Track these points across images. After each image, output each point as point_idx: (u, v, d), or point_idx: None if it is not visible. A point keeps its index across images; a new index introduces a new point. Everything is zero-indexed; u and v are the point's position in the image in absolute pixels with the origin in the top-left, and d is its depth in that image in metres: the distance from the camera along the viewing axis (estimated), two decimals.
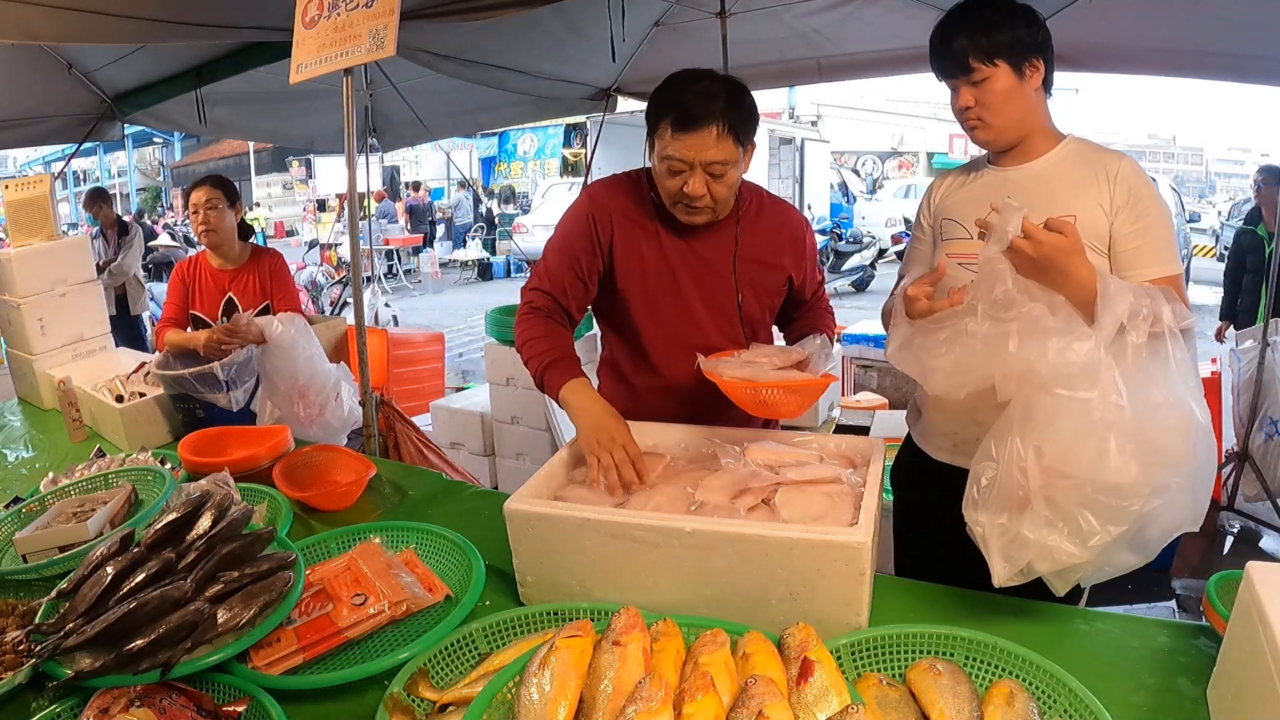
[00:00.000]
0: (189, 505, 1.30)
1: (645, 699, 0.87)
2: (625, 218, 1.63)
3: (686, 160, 1.46)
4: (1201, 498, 1.10)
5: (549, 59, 4.35)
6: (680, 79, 1.48)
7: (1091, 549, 1.05)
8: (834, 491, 1.29)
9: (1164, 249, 1.34)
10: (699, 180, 1.47)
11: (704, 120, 1.42)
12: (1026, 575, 1.10)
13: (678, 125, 1.43)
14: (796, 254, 1.73)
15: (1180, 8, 3.17)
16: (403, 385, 5.11)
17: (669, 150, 1.46)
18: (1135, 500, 1.04)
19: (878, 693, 0.98)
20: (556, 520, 1.21)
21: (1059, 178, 1.40)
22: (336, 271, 10.41)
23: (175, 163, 23.54)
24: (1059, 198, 1.36)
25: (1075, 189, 1.37)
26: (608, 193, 1.66)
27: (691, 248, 1.64)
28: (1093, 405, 1.05)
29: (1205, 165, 31.66)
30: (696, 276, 1.65)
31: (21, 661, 1.13)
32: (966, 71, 1.37)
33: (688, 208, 1.53)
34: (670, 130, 1.44)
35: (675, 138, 1.44)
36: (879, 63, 4.13)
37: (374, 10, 2.23)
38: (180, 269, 2.72)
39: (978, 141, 1.45)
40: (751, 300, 1.69)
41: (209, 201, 2.60)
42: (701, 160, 1.45)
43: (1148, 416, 1.04)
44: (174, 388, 2.24)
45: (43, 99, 4.12)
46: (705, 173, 1.47)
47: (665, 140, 1.46)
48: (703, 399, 1.60)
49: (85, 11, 2.53)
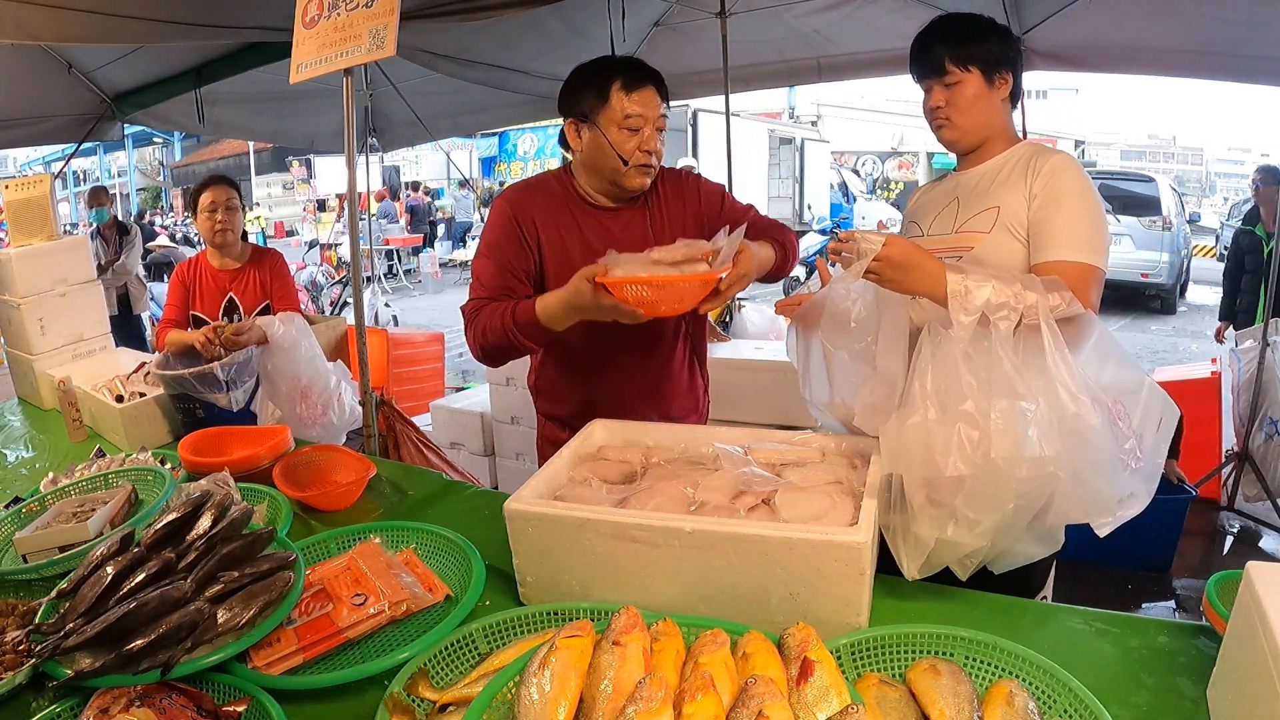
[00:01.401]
0: (189, 505, 1.30)
1: (645, 699, 0.87)
2: (547, 215, 1.71)
3: (644, 115, 1.60)
4: (1102, 488, 1.14)
5: (549, 59, 4.35)
6: (594, 63, 1.64)
7: (980, 535, 1.15)
8: (834, 491, 1.29)
9: (1073, 235, 1.38)
10: (653, 135, 1.62)
11: (647, 79, 1.61)
12: (933, 567, 1.22)
13: (629, 85, 1.59)
14: (707, 201, 1.80)
15: (1180, 8, 3.17)
16: (403, 385, 5.11)
17: (628, 108, 1.59)
18: (1006, 489, 1.12)
19: (878, 693, 0.98)
20: (556, 520, 1.21)
21: (997, 176, 1.51)
22: (336, 271, 10.41)
23: (175, 163, 23.56)
24: (990, 192, 1.49)
25: (1006, 184, 1.48)
26: (526, 193, 1.75)
27: (611, 233, 1.71)
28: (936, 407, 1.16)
29: (1205, 165, 31.66)
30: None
31: (21, 661, 1.13)
32: (941, 74, 1.49)
33: (644, 167, 1.64)
34: (624, 92, 1.58)
35: (630, 95, 1.59)
36: (879, 63, 4.13)
37: (374, 10, 2.23)
38: (180, 270, 2.72)
39: (943, 140, 1.57)
40: None
41: (228, 201, 2.60)
42: (651, 115, 1.61)
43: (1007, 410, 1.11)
44: (174, 388, 2.24)
45: (43, 99, 4.12)
46: (653, 127, 1.62)
47: (620, 102, 1.59)
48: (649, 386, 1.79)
49: (85, 11, 2.53)
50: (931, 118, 1.55)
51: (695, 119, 11.70)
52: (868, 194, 18.32)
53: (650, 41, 4.33)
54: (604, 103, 1.60)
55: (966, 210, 1.52)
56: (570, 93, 1.66)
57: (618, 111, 1.59)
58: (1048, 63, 3.80)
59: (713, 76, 4.27)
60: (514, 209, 1.71)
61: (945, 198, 1.60)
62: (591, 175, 1.71)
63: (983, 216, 1.48)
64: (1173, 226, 9.85)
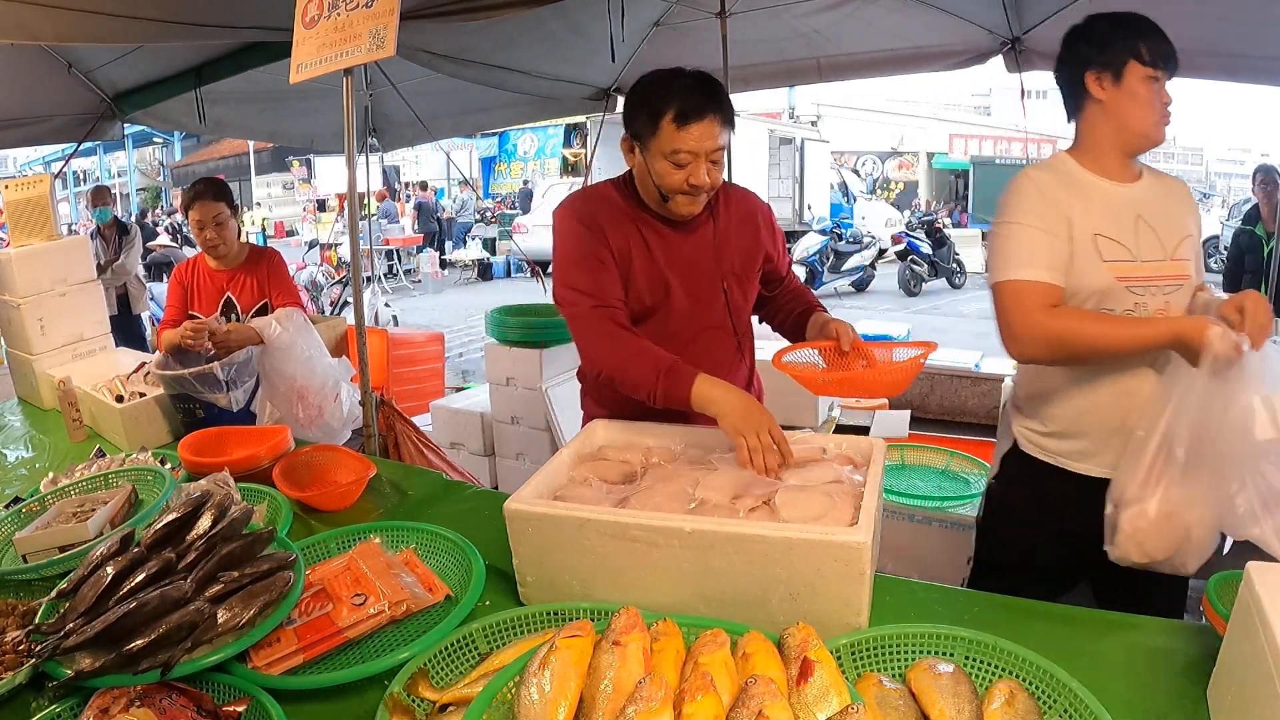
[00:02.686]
0: (189, 505, 1.30)
1: (645, 699, 0.87)
2: (612, 223, 1.65)
3: (693, 151, 1.51)
4: None
5: (549, 59, 4.35)
6: (659, 78, 1.54)
7: None
8: (834, 491, 1.29)
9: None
10: (702, 168, 1.53)
11: (706, 111, 1.50)
12: None
13: (682, 119, 1.49)
14: (769, 233, 1.79)
15: (1180, 8, 3.17)
16: (403, 385, 5.11)
17: (675, 145, 1.51)
18: None
19: (878, 693, 0.98)
20: (556, 520, 1.21)
21: (1168, 198, 1.54)
22: (336, 271, 10.41)
23: (175, 163, 23.56)
24: (1174, 218, 1.52)
25: (1185, 209, 1.55)
26: (588, 203, 1.68)
27: (675, 246, 1.67)
28: None
29: (1205, 165, 31.65)
30: (683, 274, 1.68)
31: (21, 661, 1.13)
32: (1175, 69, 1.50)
33: (691, 198, 1.58)
34: (675, 125, 1.50)
35: (681, 131, 1.50)
36: (879, 63, 4.13)
37: (374, 10, 2.23)
38: (179, 271, 2.72)
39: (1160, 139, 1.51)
40: (735, 288, 1.73)
41: (216, 218, 2.55)
42: (705, 149, 1.52)
43: None
44: (174, 388, 2.24)
45: (43, 99, 4.12)
46: (707, 160, 1.53)
47: (669, 135, 1.51)
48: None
49: (85, 11, 2.53)
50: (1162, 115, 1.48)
51: None
52: (868, 194, 18.32)
53: (650, 42, 4.32)
54: (653, 131, 1.52)
55: (1166, 235, 1.49)
56: (629, 105, 1.58)
57: (665, 145, 1.51)
58: (1048, 63, 3.78)
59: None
60: (579, 217, 1.65)
61: (1125, 213, 1.49)
62: (645, 192, 1.65)
63: (1185, 245, 1.51)
64: None
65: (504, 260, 14.28)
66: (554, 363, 3.86)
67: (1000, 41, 3.82)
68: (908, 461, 2.98)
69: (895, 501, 2.67)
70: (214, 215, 2.55)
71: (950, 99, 24.66)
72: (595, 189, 1.72)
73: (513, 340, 3.92)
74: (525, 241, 11.72)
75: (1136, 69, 1.45)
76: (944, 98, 24.06)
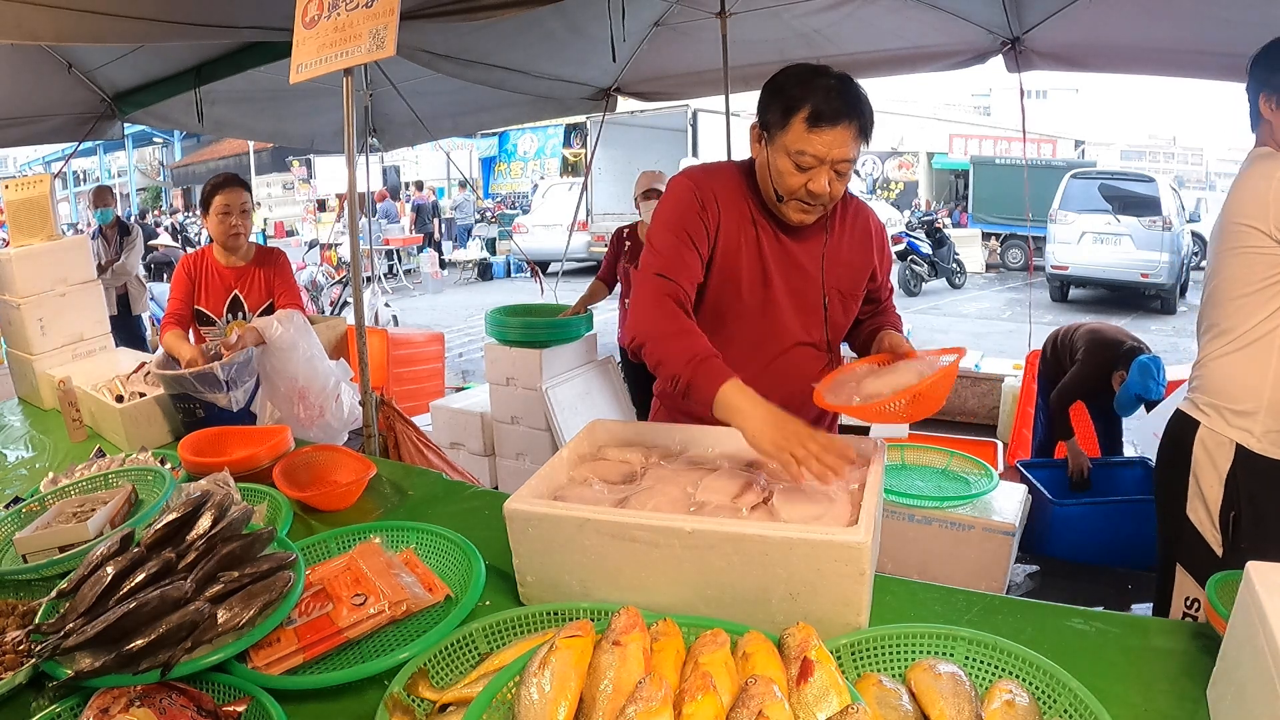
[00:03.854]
0: (189, 505, 1.30)
1: (645, 699, 0.87)
2: (729, 207, 1.57)
3: (819, 156, 1.43)
4: None
5: (549, 59, 4.36)
6: (802, 73, 1.45)
7: None
8: (834, 491, 1.29)
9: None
10: (824, 177, 1.45)
11: (842, 117, 1.41)
12: None
13: (815, 121, 1.41)
14: (880, 253, 1.71)
15: (1180, 8, 3.17)
16: (403, 385, 5.11)
17: (802, 145, 1.42)
18: None
19: (878, 693, 0.98)
20: (556, 520, 1.21)
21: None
22: (336, 271, 10.42)
23: (175, 163, 23.56)
24: None
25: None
26: (711, 179, 1.59)
27: (785, 248, 1.59)
28: None
29: (1205, 165, 31.64)
30: (787, 277, 1.61)
31: (21, 661, 1.13)
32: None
33: (805, 205, 1.50)
34: (806, 125, 1.41)
35: (811, 133, 1.41)
36: (879, 63, 4.13)
37: (374, 10, 2.23)
38: (186, 263, 2.71)
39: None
40: (837, 303, 1.66)
41: (243, 205, 2.59)
42: (833, 158, 1.43)
43: None
44: (174, 388, 2.24)
45: (43, 98, 4.13)
46: (832, 170, 1.45)
47: (797, 134, 1.42)
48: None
49: (85, 11, 2.53)
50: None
51: (695, 119, 11.70)
52: (868, 194, 18.30)
53: (650, 41, 4.33)
54: (784, 126, 1.44)
55: None
56: (765, 93, 1.48)
57: (792, 143, 1.43)
58: (1048, 63, 3.81)
59: (713, 76, 4.27)
60: (700, 190, 1.56)
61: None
62: (763, 187, 1.56)
63: None
64: (1173, 226, 9.85)
65: (504, 260, 14.28)
66: (554, 363, 3.86)
67: (1000, 41, 3.83)
68: (908, 461, 2.98)
69: (895, 501, 2.67)
70: (240, 202, 2.59)
71: (950, 99, 24.65)
72: (723, 167, 1.64)
73: (513, 340, 3.92)
74: (525, 241, 11.73)
75: None
76: (944, 98, 24.05)
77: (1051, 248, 10.52)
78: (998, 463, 3.65)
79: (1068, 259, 10.29)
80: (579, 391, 3.96)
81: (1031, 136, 13.77)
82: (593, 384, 4.09)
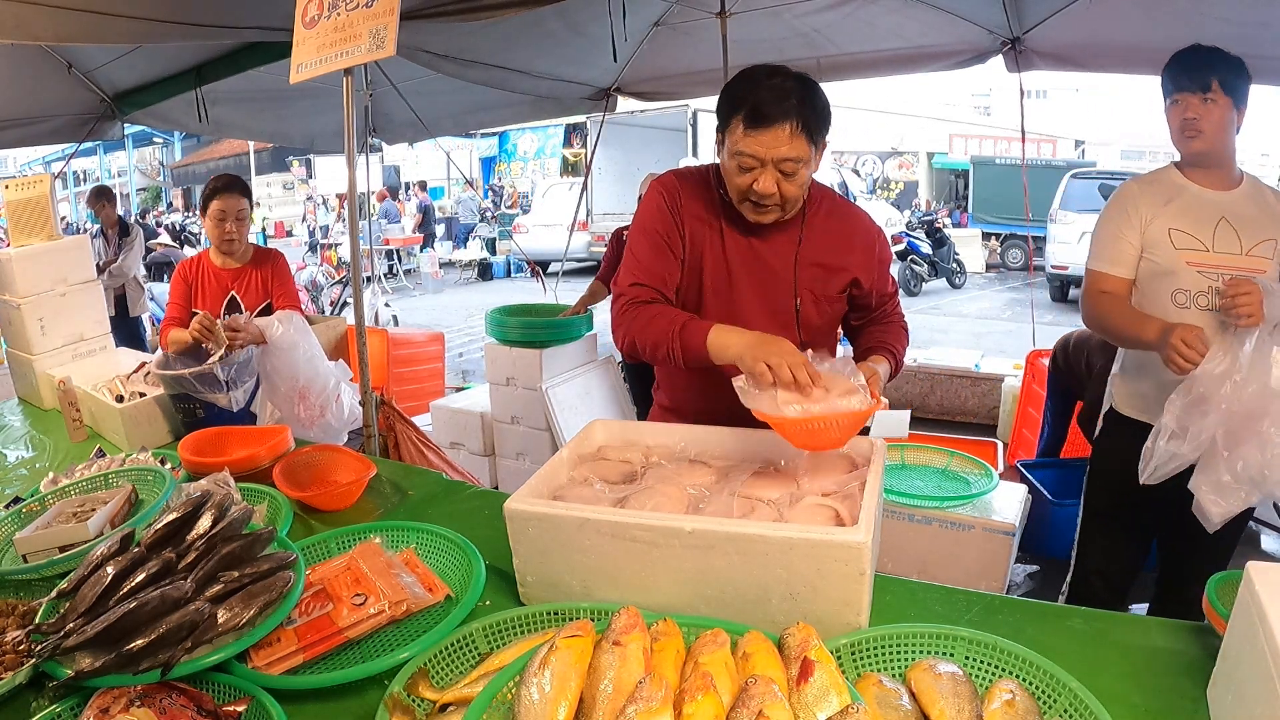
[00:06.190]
0: (189, 505, 1.30)
1: (645, 699, 0.87)
2: (693, 212, 1.61)
3: (759, 157, 1.44)
4: None
5: (549, 59, 4.36)
6: (753, 74, 1.46)
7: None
8: (833, 495, 1.30)
9: None
10: (769, 178, 1.46)
11: (777, 117, 1.41)
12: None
13: (750, 122, 1.42)
14: (865, 259, 1.67)
15: (1180, 8, 3.17)
16: (403, 385, 5.11)
17: (740, 146, 1.45)
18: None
19: (878, 693, 0.98)
20: (556, 520, 1.21)
21: (1260, 206, 1.79)
22: (336, 271, 10.42)
23: (175, 163, 23.57)
24: (1261, 223, 1.76)
25: (1273, 218, 1.77)
26: (680, 183, 1.64)
27: (753, 247, 1.61)
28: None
29: None
30: (755, 277, 1.61)
31: (21, 661, 1.13)
32: (1205, 90, 1.72)
33: (756, 205, 1.51)
34: (743, 127, 1.43)
35: (748, 134, 1.43)
36: (879, 63, 4.14)
37: (374, 10, 2.23)
38: (183, 268, 2.72)
39: (1191, 150, 1.79)
40: (810, 305, 1.64)
41: (239, 212, 2.57)
42: (773, 157, 1.44)
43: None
44: (174, 388, 2.24)
45: (43, 99, 4.13)
46: (777, 170, 1.46)
47: (737, 137, 1.45)
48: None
49: (85, 11, 2.53)
50: (1184, 128, 1.75)
51: (695, 119, 11.69)
52: (868, 194, 18.30)
53: (650, 41, 4.33)
54: (727, 127, 1.47)
55: (1246, 235, 1.76)
56: (720, 95, 1.51)
57: (734, 144, 1.46)
58: (1048, 63, 3.81)
59: (713, 76, 4.27)
60: (667, 194, 1.61)
61: (1207, 215, 1.78)
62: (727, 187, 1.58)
63: (1264, 246, 1.75)
64: None
65: (504, 260, 14.28)
66: (554, 363, 3.86)
67: (1000, 41, 3.83)
68: (908, 461, 2.98)
69: (895, 501, 2.67)
70: (237, 209, 2.57)
71: (950, 99, 24.62)
72: (694, 171, 1.67)
73: (513, 340, 3.93)
74: (525, 241, 11.72)
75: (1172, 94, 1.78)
76: (944, 98, 24.03)
77: (1051, 248, 10.53)
78: (998, 463, 3.64)
79: (1068, 259, 10.28)
80: (579, 391, 3.96)
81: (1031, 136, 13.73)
82: (593, 384, 4.09)
